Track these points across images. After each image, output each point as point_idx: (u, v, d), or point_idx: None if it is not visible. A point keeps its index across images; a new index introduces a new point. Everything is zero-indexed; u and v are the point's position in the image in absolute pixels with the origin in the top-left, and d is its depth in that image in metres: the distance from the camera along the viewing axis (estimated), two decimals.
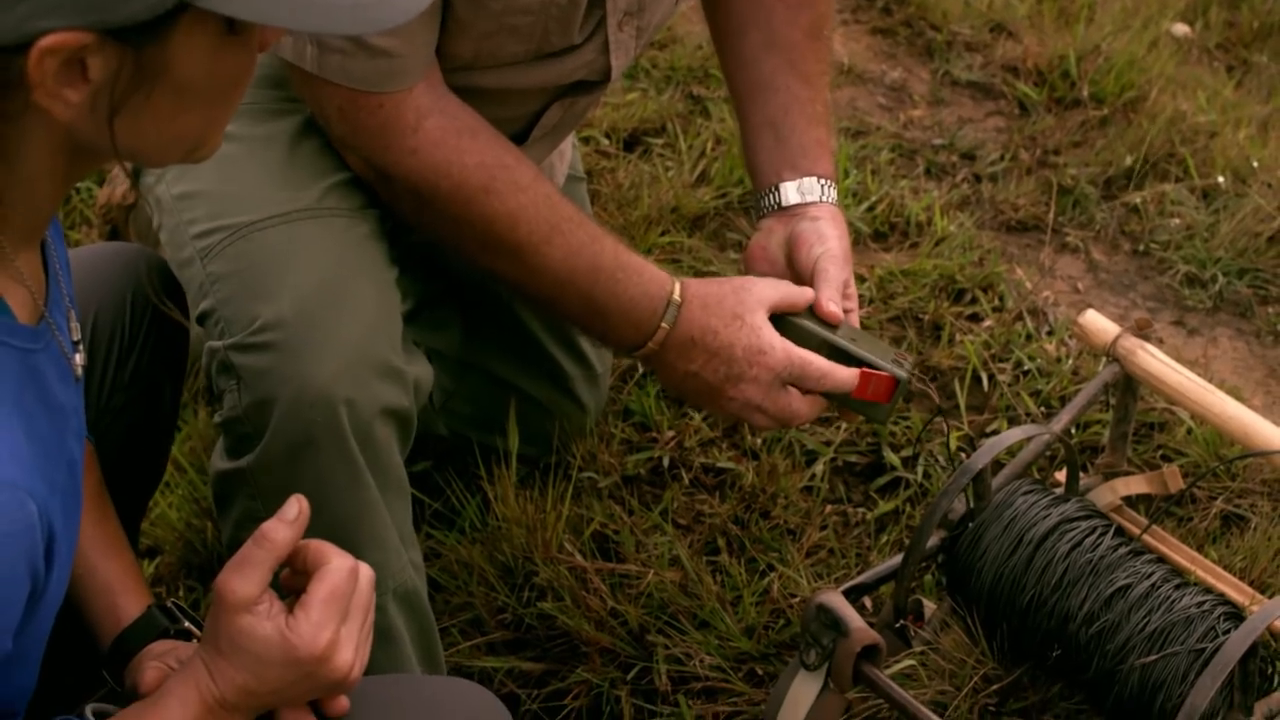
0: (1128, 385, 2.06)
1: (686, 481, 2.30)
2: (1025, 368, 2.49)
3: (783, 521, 2.24)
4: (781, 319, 1.71)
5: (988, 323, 2.59)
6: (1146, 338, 2.05)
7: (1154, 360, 2.01)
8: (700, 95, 3.13)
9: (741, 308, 1.66)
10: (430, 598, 1.88)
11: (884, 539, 2.23)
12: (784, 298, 1.69)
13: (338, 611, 1.25)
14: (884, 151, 3.02)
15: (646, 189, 2.81)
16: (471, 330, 2.19)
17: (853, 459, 2.36)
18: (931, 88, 3.28)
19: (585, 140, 2.95)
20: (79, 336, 1.28)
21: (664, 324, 1.67)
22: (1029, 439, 2.00)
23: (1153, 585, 1.80)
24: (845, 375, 1.67)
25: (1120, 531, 1.90)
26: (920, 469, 2.32)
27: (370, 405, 1.59)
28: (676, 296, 1.67)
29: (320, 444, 1.57)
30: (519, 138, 1.82)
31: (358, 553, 1.64)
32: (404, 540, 1.72)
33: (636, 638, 2.07)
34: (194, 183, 1.68)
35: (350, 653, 1.26)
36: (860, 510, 2.29)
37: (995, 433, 2.39)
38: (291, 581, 1.31)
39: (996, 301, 2.63)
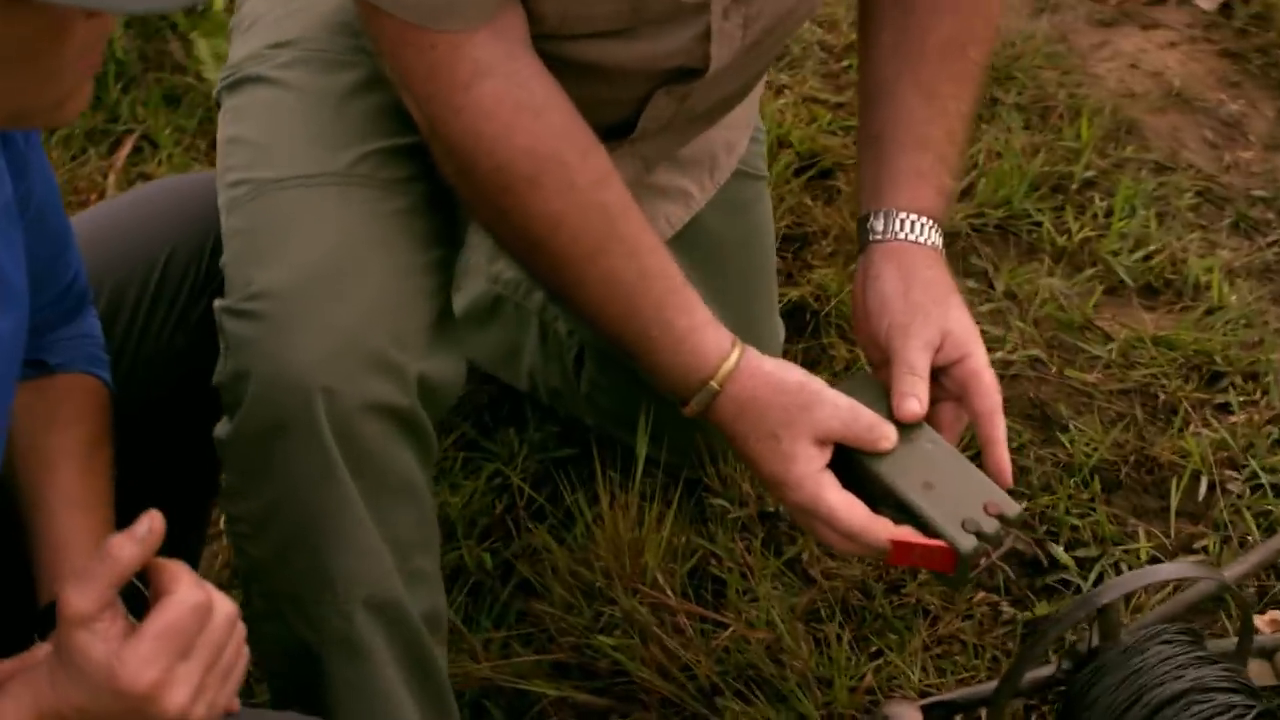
0: None
1: None
2: (1259, 481, 2.11)
3: (916, 599, 1.97)
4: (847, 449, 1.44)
5: (1235, 418, 2.21)
6: None
7: None
8: None
9: (784, 429, 1.41)
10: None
11: None
12: (849, 433, 1.42)
13: (172, 649, 1.12)
14: (1187, 194, 2.63)
15: None
16: None
17: (1021, 546, 2.05)
18: (1273, 128, 2.84)
19: None
20: None
21: (694, 404, 1.46)
22: (1186, 581, 1.67)
23: None
24: (876, 542, 1.40)
25: (1270, 716, 1.56)
26: (1093, 574, 2.00)
27: (353, 398, 1.43)
28: (715, 384, 1.44)
29: (290, 431, 1.43)
30: (625, 128, 1.62)
31: (322, 554, 1.51)
32: (395, 546, 1.54)
33: (706, 694, 1.86)
34: (243, 127, 1.56)
35: (184, 695, 1.13)
36: (1014, 609, 1.99)
37: (1204, 550, 2.04)
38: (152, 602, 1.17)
39: (1257, 395, 2.24)
